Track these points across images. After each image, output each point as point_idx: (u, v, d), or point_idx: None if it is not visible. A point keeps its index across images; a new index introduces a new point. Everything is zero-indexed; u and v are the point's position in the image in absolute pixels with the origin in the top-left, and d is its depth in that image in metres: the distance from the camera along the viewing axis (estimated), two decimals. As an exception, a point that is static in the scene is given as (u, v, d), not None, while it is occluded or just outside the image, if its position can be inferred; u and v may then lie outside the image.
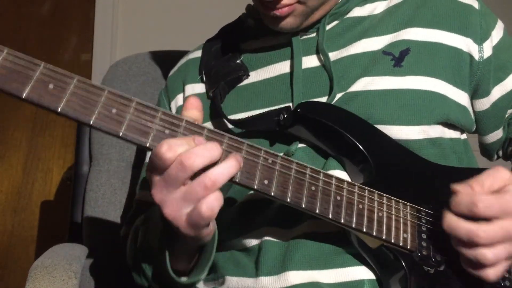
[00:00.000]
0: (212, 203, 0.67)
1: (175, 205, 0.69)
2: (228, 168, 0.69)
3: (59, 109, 0.67)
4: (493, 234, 0.70)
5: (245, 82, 1.00)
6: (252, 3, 1.10)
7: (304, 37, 0.99)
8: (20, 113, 2.51)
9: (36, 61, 0.67)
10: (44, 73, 0.67)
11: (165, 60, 1.50)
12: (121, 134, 0.69)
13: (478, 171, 0.93)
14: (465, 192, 0.73)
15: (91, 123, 0.68)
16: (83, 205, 1.38)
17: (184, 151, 0.67)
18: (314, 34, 0.99)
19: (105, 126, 0.68)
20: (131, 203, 1.23)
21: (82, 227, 1.38)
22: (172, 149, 0.67)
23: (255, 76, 1.00)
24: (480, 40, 0.96)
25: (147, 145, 0.70)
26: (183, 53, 1.50)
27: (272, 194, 0.73)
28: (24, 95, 0.66)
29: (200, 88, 1.04)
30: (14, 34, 2.60)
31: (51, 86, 0.67)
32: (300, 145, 0.90)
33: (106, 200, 1.36)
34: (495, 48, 0.98)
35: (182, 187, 0.68)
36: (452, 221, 0.72)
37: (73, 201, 1.43)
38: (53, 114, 0.68)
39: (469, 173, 0.91)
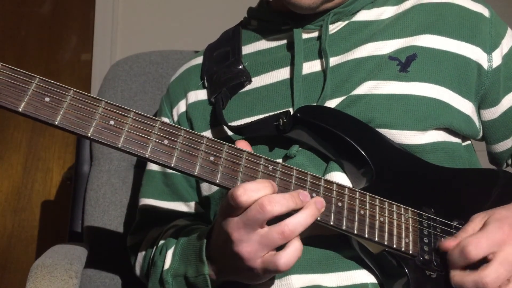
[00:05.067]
0: (290, 258, 0.70)
1: (252, 246, 0.71)
2: (306, 218, 0.71)
3: (57, 122, 0.67)
4: (497, 274, 0.71)
5: (248, 87, 0.99)
6: (252, 6, 1.10)
7: (306, 35, 0.99)
8: (20, 113, 2.51)
9: (32, 75, 0.67)
10: (40, 86, 0.67)
11: (166, 60, 1.50)
12: (119, 146, 0.68)
13: (480, 171, 0.93)
14: (454, 245, 0.75)
15: (89, 135, 0.67)
16: (84, 205, 1.38)
17: (261, 196, 0.70)
18: (316, 33, 0.98)
19: (103, 138, 0.68)
20: (134, 206, 1.22)
21: (83, 227, 1.38)
22: (247, 193, 0.69)
23: (258, 81, 0.99)
24: (489, 49, 0.95)
25: (146, 156, 0.69)
26: (184, 53, 1.51)
27: None
28: (20, 109, 0.66)
29: (202, 94, 1.04)
30: (14, 34, 2.60)
31: (47, 99, 0.67)
32: (301, 148, 0.90)
33: (106, 199, 1.36)
34: (505, 57, 0.97)
35: (260, 229, 0.71)
36: (457, 279, 0.74)
37: (74, 201, 1.43)
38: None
39: (470, 174, 0.91)
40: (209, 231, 0.82)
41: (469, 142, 0.99)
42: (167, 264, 0.89)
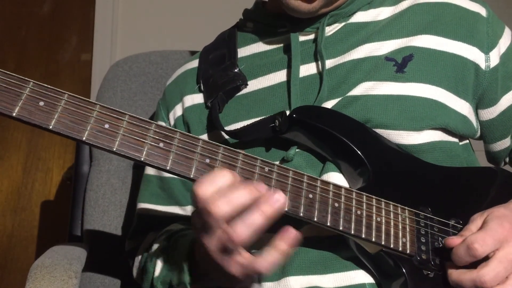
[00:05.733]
0: (267, 266, 0.65)
1: (215, 247, 0.67)
2: (256, 218, 0.64)
3: (51, 126, 0.66)
4: (496, 272, 0.71)
5: (244, 91, 0.99)
6: (249, 7, 1.09)
7: (303, 38, 0.99)
8: (20, 113, 2.51)
9: (25, 79, 0.67)
10: (34, 90, 0.66)
11: (166, 60, 1.50)
12: (114, 149, 0.68)
13: (477, 170, 0.93)
14: (459, 243, 0.74)
15: (83, 139, 0.67)
16: (83, 205, 1.38)
17: (217, 187, 0.64)
18: (312, 36, 0.98)
19: (98, 142, 0.67)
20: (133, 207, 1.22)
21: (82, 227, 1.38)
22: (202, 185, 0.64)
23: (255, 84, 0.99)
24: (486, 48, 0.94)
25: (142, 160, 0.69)
26: (184, 53, 1.51)
27: None
28: (14, 114, 0.65)
29: (199, 98, 1.03)
30: (14, 34, 2.60)
31: (41, 103, 0.66)
32: (298, 150, 0.89)
33: (106, 200, 1.36)
34: (503, 57, 0.96)
35: (219, 230, 0.65)
36: (455, 277, 0.74)
37: (73, 201, 1.43)
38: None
39: (468, 172, 0.91)
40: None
41: (467, 141, 0.99)
42: (157, 271, 0.88)
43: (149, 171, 1.08)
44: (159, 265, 0.89)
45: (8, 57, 2.56)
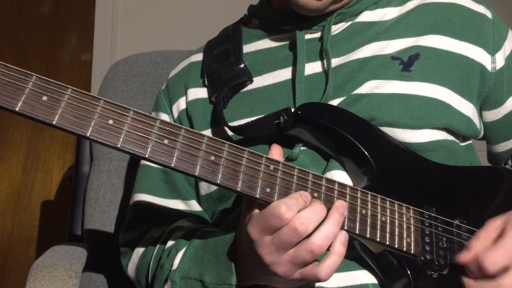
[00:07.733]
0: (330, 271, 0.70)
1: (285, 266, 0.71)
2: (333, 228, 0.70)
3: (54, 121, 0.65)
4: None
5: (249, 87, 0.99)
6: (254, 4, 1.09)
7: (309, 36, 0.98)
8: (20, 113, 2.51)
9: (28, 73, 0.65)
10: (37, 85, 0.65)
11: (166, 60, 1.50)
12: (119, 146, 0.67)
13: (481, 169, 0.93)
14: (470, 259, 0.74)
15: (87, 135, 0.66)
16: (84, 205, 1.38)
17: (295, 214, 0.69)
18: (318, 34, 0.98)
19: (102, 138, 0.67)
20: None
21: (83, 227, 1.38)
22: (291, 209, 0.69)
23: (260, 81, 0.98)
24: (492, 50, 0.95)
25: (146, 157, 0.68)
26: (184, 53, 1.50)
27: None
28: (17, 108, 0.64)
29: (202, 92, 1.02)
30: (14, 34, 2.60)
31: (44, 98, 0.65)
32: (302, 148, 0.89)
33: (106, 200, 1.36)
34: (508, 59, 0.97)
35: (290, 250, 0.70)
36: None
37: (73, 201, 1.43)
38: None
39: (472, 172, 0.91)
40: (233, 241, 0.80)
41: (470, 141, 0.99)
42: (175, 265, 0.87)
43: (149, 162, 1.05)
44: (178, 259, 0.87)
45: (8, 57, 2.55)
